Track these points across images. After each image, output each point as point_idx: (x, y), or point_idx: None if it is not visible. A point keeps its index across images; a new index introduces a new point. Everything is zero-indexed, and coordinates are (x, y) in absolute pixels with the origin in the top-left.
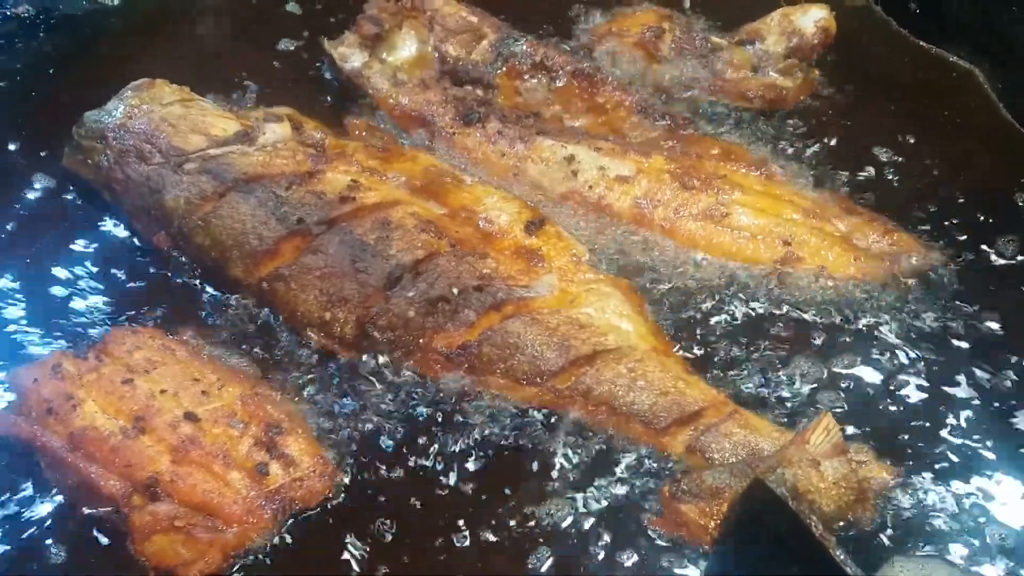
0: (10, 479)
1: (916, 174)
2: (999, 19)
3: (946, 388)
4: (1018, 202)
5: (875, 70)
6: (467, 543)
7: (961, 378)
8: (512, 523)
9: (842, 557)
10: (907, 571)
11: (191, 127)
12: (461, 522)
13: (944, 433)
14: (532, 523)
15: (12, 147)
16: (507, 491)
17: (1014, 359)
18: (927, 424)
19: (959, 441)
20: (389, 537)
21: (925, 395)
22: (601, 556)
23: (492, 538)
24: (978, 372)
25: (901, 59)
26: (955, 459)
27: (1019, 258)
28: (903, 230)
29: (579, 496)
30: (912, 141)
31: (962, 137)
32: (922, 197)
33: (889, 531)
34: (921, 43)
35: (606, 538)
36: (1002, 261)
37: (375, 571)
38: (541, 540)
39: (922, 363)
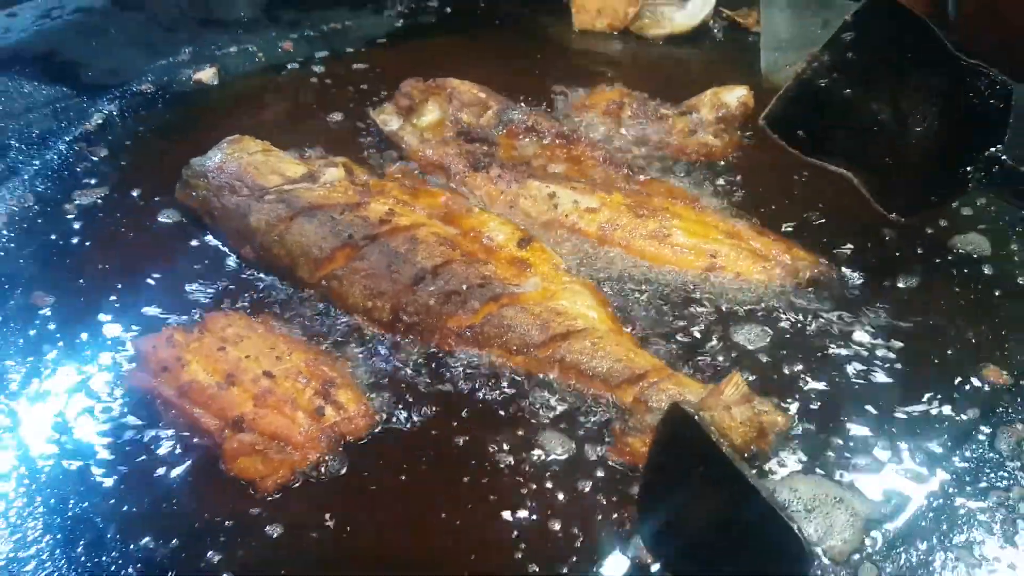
0: (138, 418)
1: (812, 208)
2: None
3: (828, 352)
4: (884, 233)
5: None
6: (467, 475)
7: (838, 346)
8: (503, 457)
9: (730, 453)
10: (802, 484)
11: (270, 169)
12: (462, 452)
13: (824, 387)
14: (520, 454)
15: (142, 187)
16: (499, 434)
17: (873, 315)
18: (813, 381)
19: (839, 394)
20: (416, 465)
21: (812, 360)
22: (573, 478)
23: (489, 466)
24: (850, 341)
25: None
26: (837, 406)
27: (869, 272)
28: (800, 246)
29: (557, 434)
30: (809, 189)
31: (845, 189)
32: (817, 224)
33: (783, 458)
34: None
35: (577, 464)
36: (858, 274)
37: (402, 491)
38: (527, 469)
39: (809, 339)
